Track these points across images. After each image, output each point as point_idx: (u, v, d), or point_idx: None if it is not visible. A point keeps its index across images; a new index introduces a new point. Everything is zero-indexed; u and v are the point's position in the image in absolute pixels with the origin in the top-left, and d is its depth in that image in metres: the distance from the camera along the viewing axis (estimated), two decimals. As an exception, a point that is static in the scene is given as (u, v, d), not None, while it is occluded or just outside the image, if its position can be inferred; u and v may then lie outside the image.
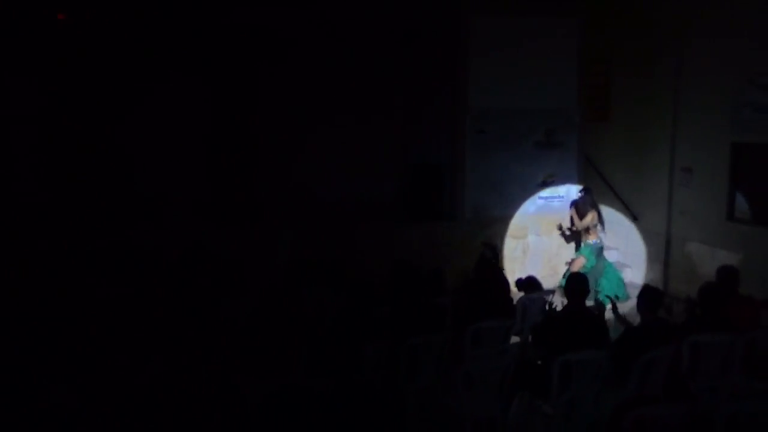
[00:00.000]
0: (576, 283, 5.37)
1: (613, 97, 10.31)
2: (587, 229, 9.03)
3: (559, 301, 6.29)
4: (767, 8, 7.80)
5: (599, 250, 9.06)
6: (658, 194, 9.45)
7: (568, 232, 9.49)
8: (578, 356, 4.84)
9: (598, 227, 9.10)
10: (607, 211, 9.81)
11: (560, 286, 8.48)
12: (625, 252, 9.81)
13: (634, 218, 9.78)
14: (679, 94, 9.06)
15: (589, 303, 6.25)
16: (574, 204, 9.26)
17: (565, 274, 8.94)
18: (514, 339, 6.08)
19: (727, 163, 8.39)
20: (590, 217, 9.01)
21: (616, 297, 8.75)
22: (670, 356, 5.06)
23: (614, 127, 10.24)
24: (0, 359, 4.92)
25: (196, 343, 5.27)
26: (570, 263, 9.12)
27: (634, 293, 6.25)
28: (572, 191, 9.62)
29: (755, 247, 8.01)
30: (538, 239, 9.62)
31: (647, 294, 5.34)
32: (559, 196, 9.68)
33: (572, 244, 9.69)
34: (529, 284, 6.73)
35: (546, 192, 9.62)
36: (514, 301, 6.34)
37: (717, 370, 5.19)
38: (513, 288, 6.77)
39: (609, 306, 5.79)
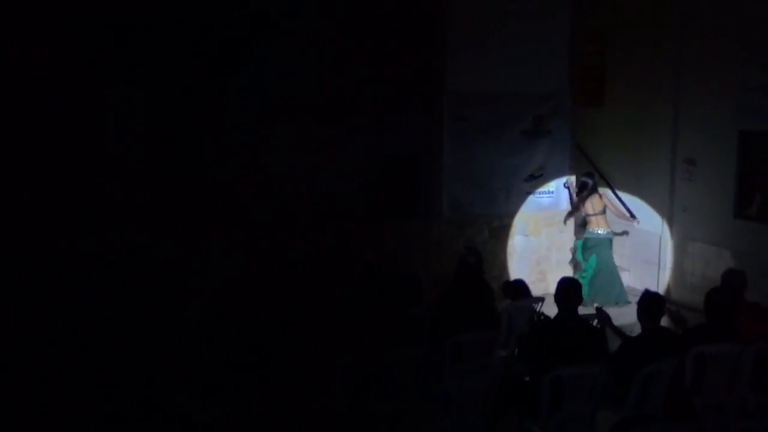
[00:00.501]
0: (567, 288, 5.41)
1: (608, 81, 10.42)
2: (592, 217, 9.20)
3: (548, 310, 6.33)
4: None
5: (608, 243, 9.19)
6: (659, 189, 9.59)
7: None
8: (570, 371, 4.87)
9: (606, 216, 9.28)
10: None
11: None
12: (621, 254, 9.91)
13: (632, 216, 9.90)
14: (681, 76, 9.19)
15: (591, 310, 6.31)
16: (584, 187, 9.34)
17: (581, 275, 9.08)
18: (499, 353, 6.10)
19: (735, 153, 8.52)
20: (592, 204, 9.15)
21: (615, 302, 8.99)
22: (673, 370, 5.13)
23: (609, 114, 10.34)
24: None
25: (133, 357, 5.20)
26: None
27: (634, 300, 6.32)
28: (563, 185, 9.71)
29: (766, 247, 8.14)
30: (526, 240, 9.68)
31: (647, 301, 5.41)
32: (549, 192, 9.74)
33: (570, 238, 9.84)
34: (516, 290, 6.76)
35: (534, 186, 9.67)
36: (499, 310, 6.36)
37: (723, 385, 5.27)
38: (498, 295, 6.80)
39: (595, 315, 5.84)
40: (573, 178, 9.59)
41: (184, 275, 6.91)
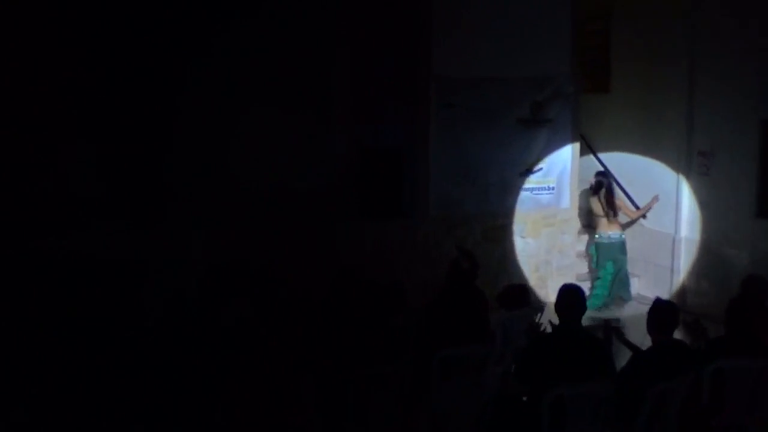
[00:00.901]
0: (569, 297, 5.38)
1: (614, 63, 10.43)
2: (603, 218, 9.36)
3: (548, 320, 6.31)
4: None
5: (621, 246, 9.39)
6: (671, 184, 9.59)
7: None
8: (574, 390, 4.85)
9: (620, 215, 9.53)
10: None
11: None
12: (630, 258, 9.94)
13: (637, 209, 9.90)
14: (696, 58, 9.20)
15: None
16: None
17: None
18: (494, 369, 6.06)
19: (757, 144, 8.55)
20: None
21: (621, 298, 9.08)
22: (688, 387, 5.11)
23: (616, 100, 10.37)
24: None
25: (78, 373, 5.14)
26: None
27: (644, 309, 6.29)
28: (564, 180, 9.69)
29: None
30: (523, 242, 9.69)
31: (658, 310, 5.39)
32: (549, 188, 9.76)
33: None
34: (514, 298, 6.74)
35: (532, 182, 9.66)
36: (493, 322, 6.33)
37: (745, 404, 5.25)
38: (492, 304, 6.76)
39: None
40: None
41: (137, 281, 6.83)
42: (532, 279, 9.56)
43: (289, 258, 8.17)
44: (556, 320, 5.49)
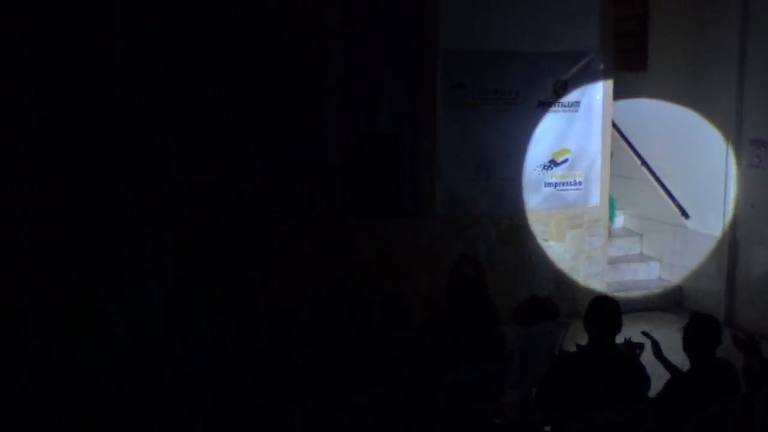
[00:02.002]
0: (603, 311, 5.38)
1: (652, 36, 10.45)
2: None
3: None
4: None
5: None
6: (717, 180, 9.64)
7: None
8: (604, 418, 4.87)
9: None
10: (642, 204, 9.94)
11: None
12: (669, 264, 9.97)
13: (684, 214, 9.95)
14: (748, 28, 9.22)
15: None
16: None
17: None
18: (511, 394, 6.10)
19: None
20: None
21: None
22: (736, 414, 5.14)
23: (654, 80, 10.38)
24: None
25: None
26: None
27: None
28: (593, 174, 9.71)
29: None
30: (545, 246, 9.73)
31: (698, 326, 5.41)
32: (576, 183, 9.78)
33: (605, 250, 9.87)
34: (534, 311, 6.76)
35: (556, 176, 9.71)
36: (508, 339, 6.36)
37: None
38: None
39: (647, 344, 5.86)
40: None
41: (88, 295, 6.82)
42: (555, 289, 9.57)
43: (271, 265, 8.19)
44: (583, 336, 5.52)
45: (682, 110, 10.01)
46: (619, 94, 10.05)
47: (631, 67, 10.52)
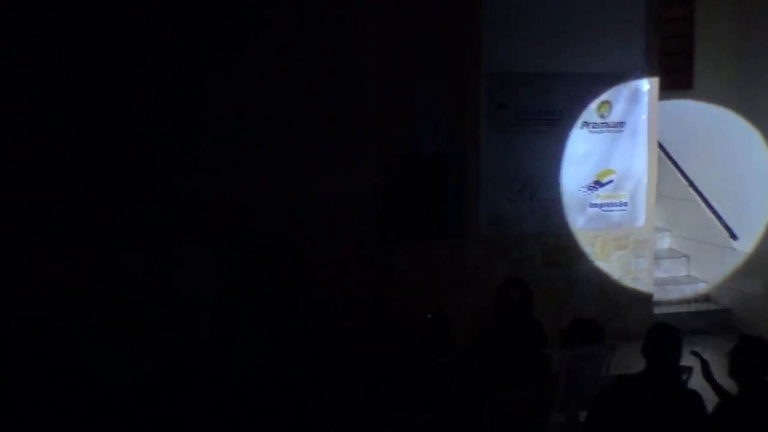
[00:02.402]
0: (662, 337, 5.31)
1: (698, 54, 10.37)
2: None
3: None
4: None
5: None
6: (765, 200, 9.53)
7: None
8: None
9: None
10: (689, 226, 9.82)
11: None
12: (717, 286, 9.83)
13: (732, 236, 9.83)
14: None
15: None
16: None
17: None
18: (558, 418, 6.05)
19: None
20: None
21: None
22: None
23: (700, 98, 10.32)
24: None
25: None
26: None
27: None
28: (639, 195, 9.62)
29: None
30: (591, 267, 9.65)
31: (746, 349, 5.29)
32: (621, 203, 9.72)
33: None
34: (578, 333, 6.70)
35: (601, 196, 9.64)
36: (555, 361, 6.30)
37: None
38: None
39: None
40: None
41: (129, 318, 6.84)
42: (602, 311, 9.47)
43: (313, 285, 8.19)
44: (631, 360, 5.43)
45: (729, 129, 9.92)
46: (665, 113, 9.97)
47: (677, 86, 10.46)
